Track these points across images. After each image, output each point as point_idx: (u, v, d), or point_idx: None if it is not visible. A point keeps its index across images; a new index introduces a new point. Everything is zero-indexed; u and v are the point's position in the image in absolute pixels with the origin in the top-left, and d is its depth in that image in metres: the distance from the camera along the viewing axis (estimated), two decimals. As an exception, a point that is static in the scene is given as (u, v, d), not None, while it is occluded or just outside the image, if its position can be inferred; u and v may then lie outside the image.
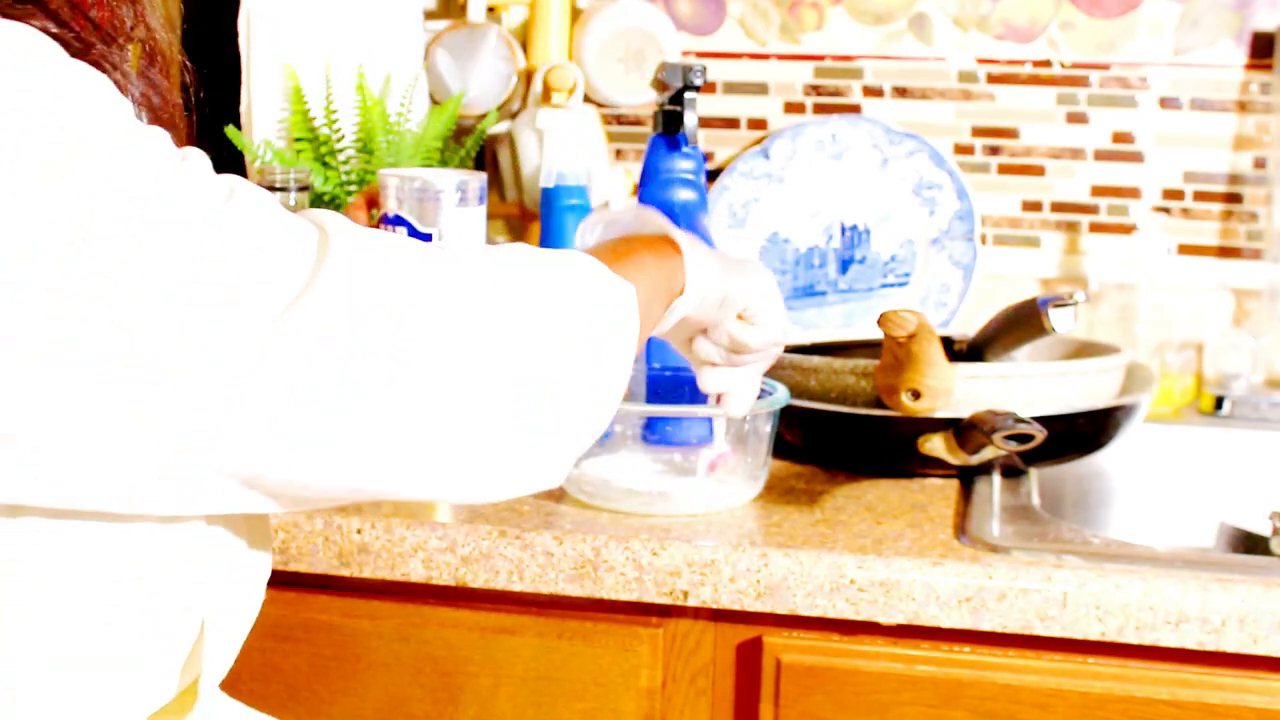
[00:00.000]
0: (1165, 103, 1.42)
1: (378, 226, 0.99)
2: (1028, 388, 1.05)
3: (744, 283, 0.79)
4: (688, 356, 0.85)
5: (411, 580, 0.94)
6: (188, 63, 0.66)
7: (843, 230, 1.44)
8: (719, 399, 0.86)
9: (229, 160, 1.33)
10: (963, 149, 1.46)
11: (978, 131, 1.45)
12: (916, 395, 0.97)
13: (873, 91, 1.46)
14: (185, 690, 0.61)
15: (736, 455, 1.01)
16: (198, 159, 0.52)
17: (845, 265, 1.44)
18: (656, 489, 0.98)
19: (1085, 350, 1.24)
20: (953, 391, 0.98)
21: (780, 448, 1.07)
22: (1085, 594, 0.86)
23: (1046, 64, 1.43)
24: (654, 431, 1.05)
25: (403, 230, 0.97)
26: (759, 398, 1.00)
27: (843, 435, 1.07)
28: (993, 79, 1.44)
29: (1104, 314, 1.43)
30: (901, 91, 1.45)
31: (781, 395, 1.00)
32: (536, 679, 0.95)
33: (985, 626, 0.87)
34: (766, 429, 1.00)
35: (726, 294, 0.78)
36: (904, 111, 1.45)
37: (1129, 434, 1.13)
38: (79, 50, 0.52)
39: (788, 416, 1.07)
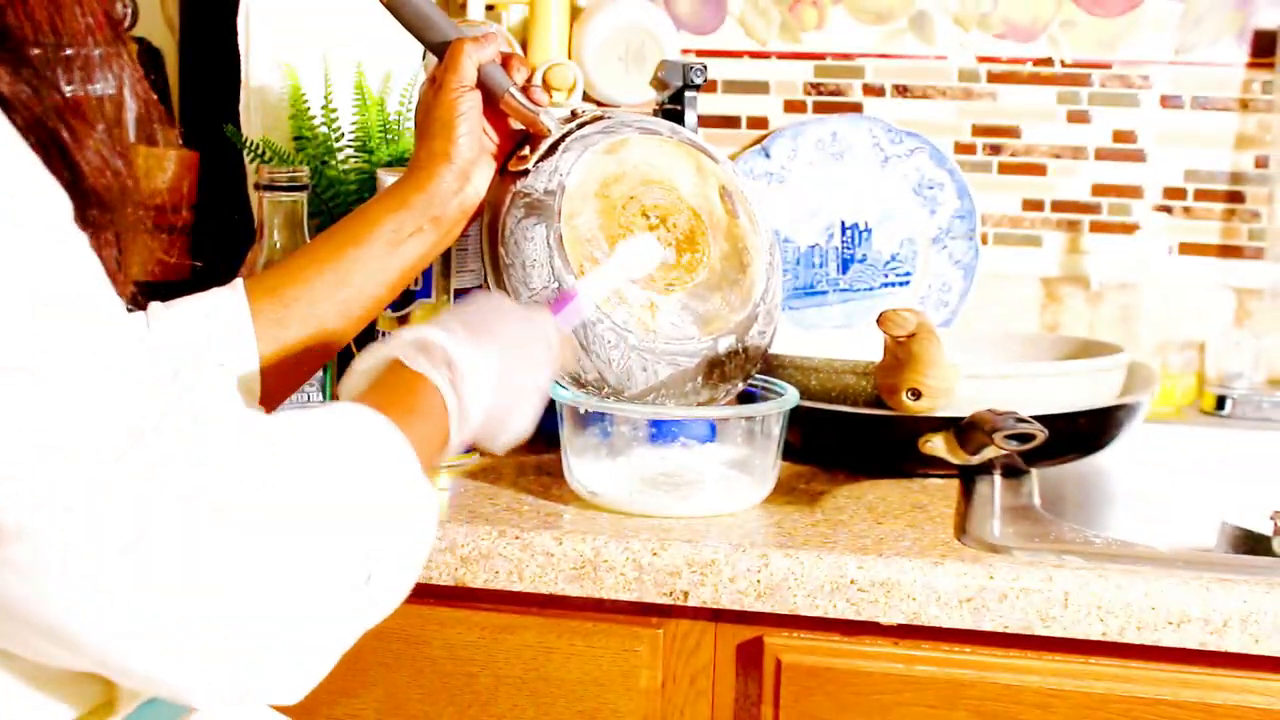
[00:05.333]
0: (1167, 101, 1.41)
1: None
2: (1029, 387, 1.05)
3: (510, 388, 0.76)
4: None
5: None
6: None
7: (843, 229, 1.43)
8: None
9: (228, 160, 1.33)
10: (964, 148, 1.45)
11: (979, 130, 1.45)
12: (917, 395, 0.97)
13: (873, 90, 1.45)
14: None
15: (745, 457, 1.00)
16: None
17: (846, 264, 1.43)
18: (661, 491, 0.98)
19: (1087, 350, 1.24)
20: (953, 391, 0.97)
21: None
22: (1087, 594, 0.85)
23: (1048, 62, 1.43)
24: (658, 432, 1.05)
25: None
26: (767, 400, 1.00)
27: (843, 435, 1.07)
28: (994, 77, 1.44)
29: (1106, 313, 1.43)
30: (902, 90, 1.45)
31: (791, 397, 1.00)
32: (536, 679, 0.95)
33: (986, 627, 0.87)
34: (776, 431, 0.99)
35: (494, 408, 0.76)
36: (905, 110, 1.45)
37: (1131, 434, 1.13)
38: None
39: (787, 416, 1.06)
